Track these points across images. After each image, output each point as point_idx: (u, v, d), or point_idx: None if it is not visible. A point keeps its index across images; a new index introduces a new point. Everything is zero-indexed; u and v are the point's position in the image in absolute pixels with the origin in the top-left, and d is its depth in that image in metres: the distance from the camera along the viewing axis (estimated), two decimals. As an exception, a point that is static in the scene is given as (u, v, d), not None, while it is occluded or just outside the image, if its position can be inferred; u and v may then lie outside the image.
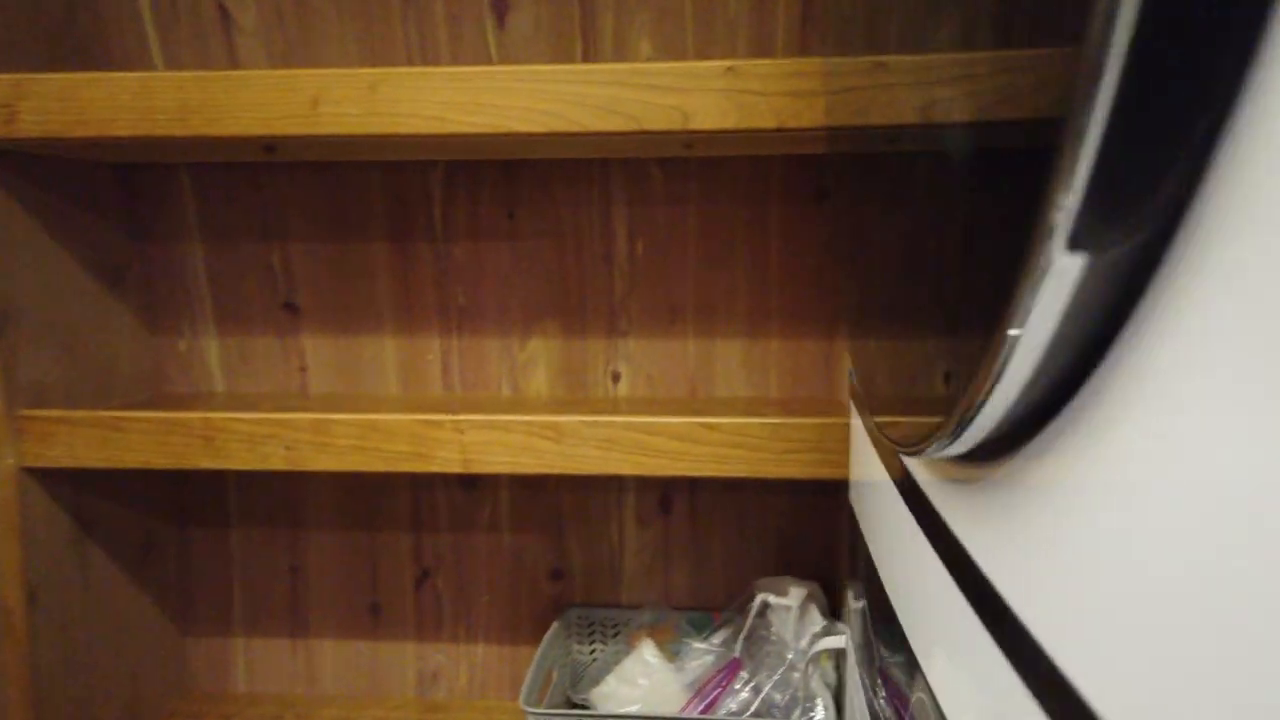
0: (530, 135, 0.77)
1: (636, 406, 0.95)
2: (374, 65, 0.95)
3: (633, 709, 0.98)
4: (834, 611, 1.01)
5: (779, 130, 0.75)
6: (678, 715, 0.93)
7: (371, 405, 0.94)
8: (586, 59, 0.96)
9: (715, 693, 0.96)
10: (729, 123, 0.75)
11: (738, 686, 0.96)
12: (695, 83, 0.75)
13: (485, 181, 1.01)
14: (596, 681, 1.03)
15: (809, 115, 0.74)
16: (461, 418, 0.85)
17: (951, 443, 0.26)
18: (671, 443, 0.83)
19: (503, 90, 0.76)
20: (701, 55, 0.94)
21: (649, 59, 0.95)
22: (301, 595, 1.14)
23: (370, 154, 0.96)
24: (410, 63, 0.98)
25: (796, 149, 0.91)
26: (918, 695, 0.39)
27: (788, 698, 0.94)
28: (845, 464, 0.82)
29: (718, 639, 1.04)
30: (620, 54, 0.95)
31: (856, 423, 0.65)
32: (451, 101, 0.77)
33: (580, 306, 1.03)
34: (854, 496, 0.66)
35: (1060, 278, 0.19)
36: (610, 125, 0.76)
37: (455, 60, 0.97)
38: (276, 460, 0.87)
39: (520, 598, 1.12)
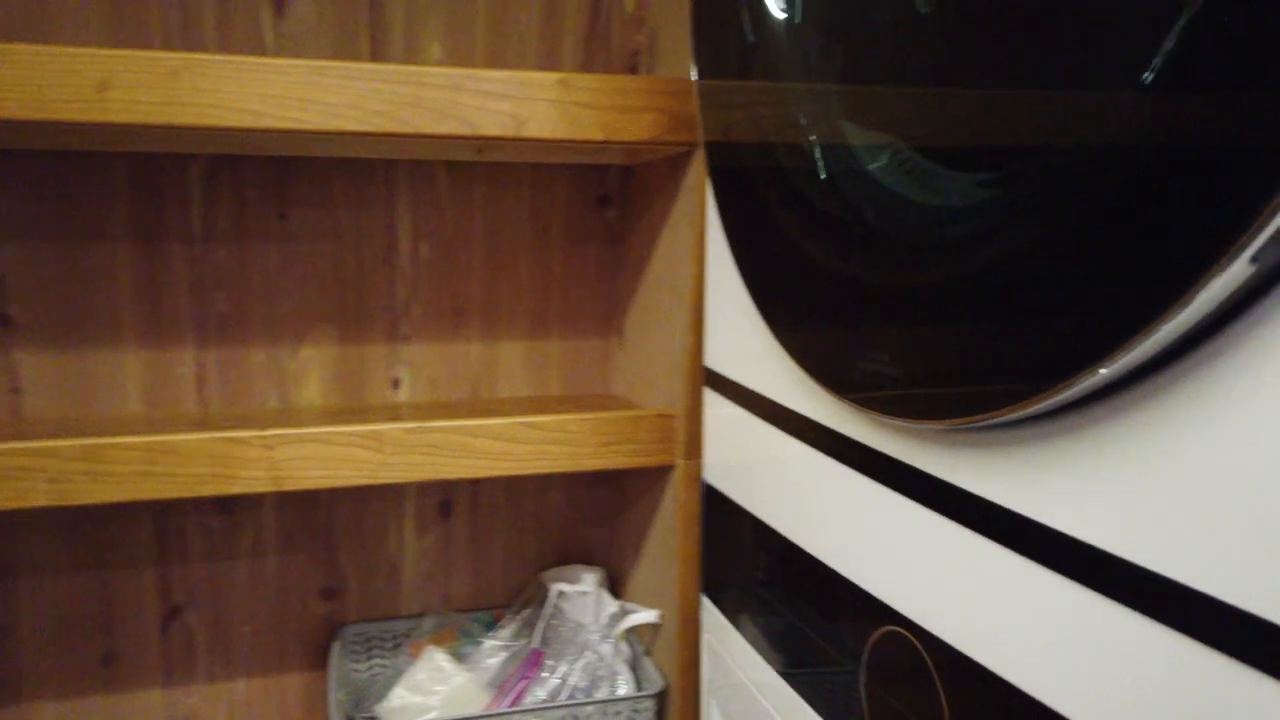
0: (362, 135, 0.74)
1: (419, 412, 0.94)
2: (121, 47, 0.85)
3: (431, 717, 0.97)
4: (615, 594, 1.08)
5: (606, 142, 0.80)
6: (499, 712, 0.94)
7: (108, 428, 0.84)
8: (375, 57, 0.93)
9: (521, 684, 0.99)
10: (559, 132, 0.78)
11: (545, 675, 0.99)
12: (529, 92, 0.77)
13: (253, 179, 0.94)
14: (381, 699, 1.01)
15: (634, 130, 0.80)
16: (271, 433, 0.79)
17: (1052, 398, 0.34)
18: (496, 443, 0.85)
19: (334, 88, 0.73)
20: (491, 63, 0.96)
21: (438, 62, 0.95)
22: (11, 657, 0.97)
23: (110, 143, 0.86)
24: (168, 47, 0.89)
25: (579, 159, 0.96)
26: (884, 629, 0.47)
27: (590, 679, 0.99)
28: (663, 452, 0.89)
29: (506, 634, 1.06)
30: (410, 55, 0.94)
31: (719, 411, 0.72)
32: (274, 95, 0.72)
33: (359, 311, 1.00)
34: (712, 478, 0.73)
35: (1233, 279, 0.27)
36: (446, 129, 0.76)
37: (223, 48, 0.90)
38: (37, 496, 0.75)
39: (287, 623, 1.05)
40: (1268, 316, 0.27)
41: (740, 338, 0.64)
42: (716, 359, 0.71)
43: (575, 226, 1.04)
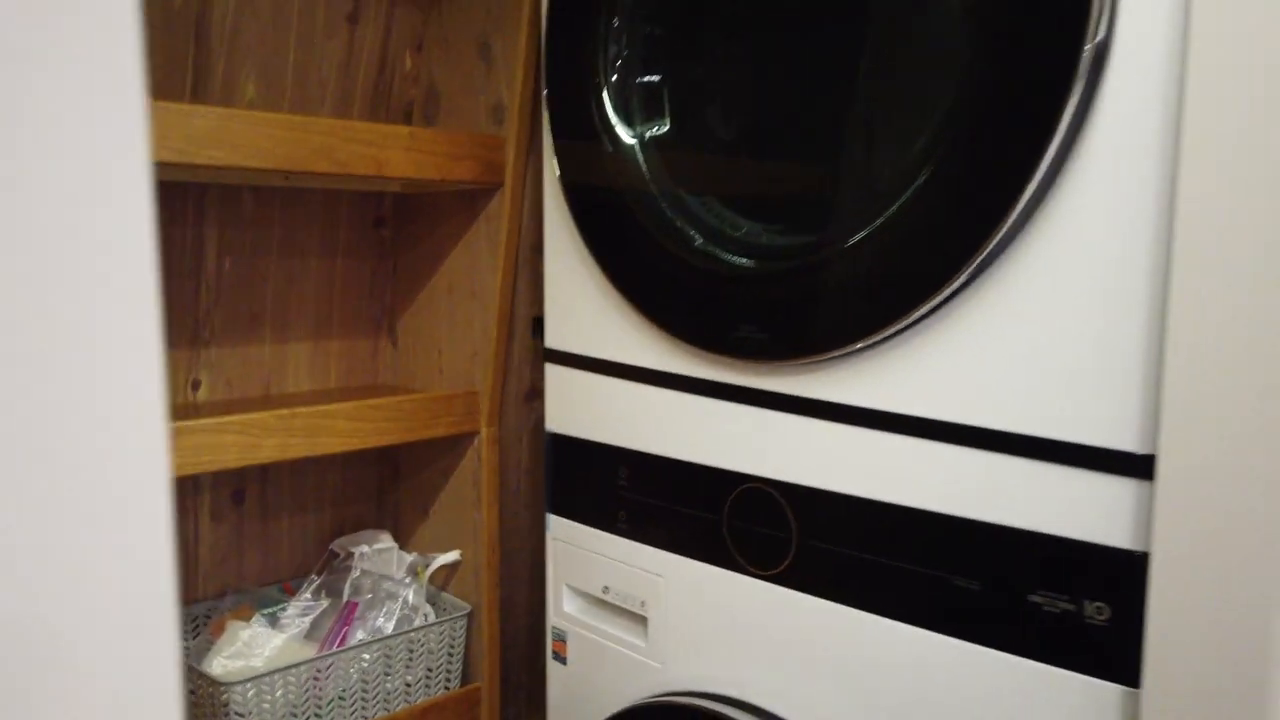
0: (255, 170, 0.90)
1: (218, 409, 1.08)
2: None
3: (262, 670, 1.11)
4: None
5: (442, 180, 1.03)
6: (331, 653, 1.11)
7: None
8: (195, 93, 1.04)
9: (343, 630, 1.16)
10: (409, 173, 1.00)
11: (358, 620, 1.17)
12: (387, 141, 0.98)
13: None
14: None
15: (459, 172, 1.04)
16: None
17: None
18: (347, 423, 1.04)
19: (239, 131, 0.87)
20: (298, 105, 1.12)
21: (251, 101, 1.08)
22: None
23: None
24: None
25: (364, 187, 1.16)
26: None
27: (396, 618, 1.20)
28: (470, 421, 1.14)
29: (306, 598, 1.22)
30: (227, 94, 1.06)
31: (567, 377, 1.00)
32: (196, 136, 0.85)
33: (166, 320, 1.09)
34: (558, 427, 1.01)
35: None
36: (323, 167, 0.94)
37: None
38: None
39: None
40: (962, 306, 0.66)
41: (598, 323, 0.94)
42: (563, 341, 0.99)
43: (355, 243, 1.23)
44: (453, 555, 1.21)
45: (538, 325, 1.19)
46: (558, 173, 0.93)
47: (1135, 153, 0.58)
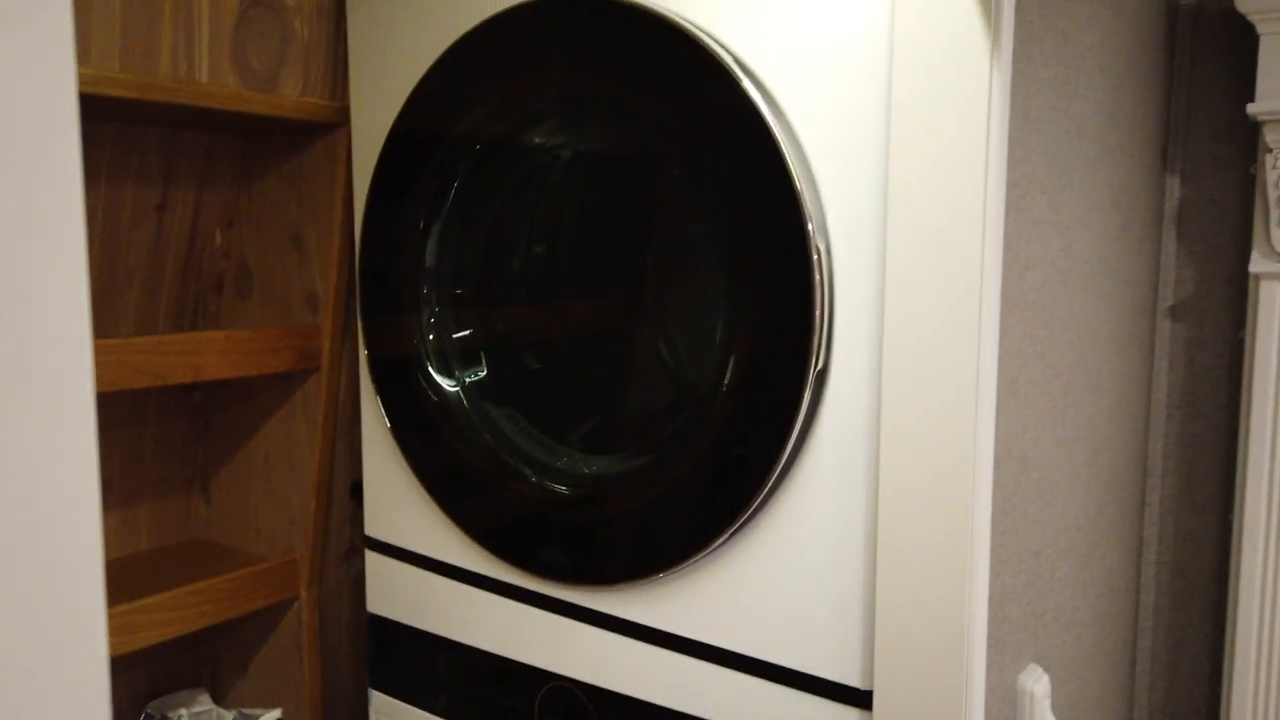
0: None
1: None
2: None
3: None
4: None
5: (260, 374, 1.09)
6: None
7: None
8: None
9: (164, 802, 1.18)
10: (226, 373, 1.05)
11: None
12: (202, 347, 1.02)
13: None
14: None
15: (275, 364, 1.10)
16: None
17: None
18: (164, 614, 1.07)
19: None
20: (103, 296, 1.13)
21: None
22: None
23: None
24: None
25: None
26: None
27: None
28: (289, 588, 1.19)
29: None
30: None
31: (387, 565, 1.07)
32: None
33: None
34: (379, 609, 1.08)
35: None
36: (140, 383, 0.97)
37: None
38: None
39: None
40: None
41: (413, 516, 1.02)
42: (381, 531, 1.07)
43: (166, 409, 1.25)
44: (274, 714, 1.25)
45: (356, 489, 1.25)
46: (373, 385, 1.01)
47: (851, 441, 0.74)
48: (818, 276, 0.72)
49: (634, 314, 0.87)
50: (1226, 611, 1.13)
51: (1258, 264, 1.07)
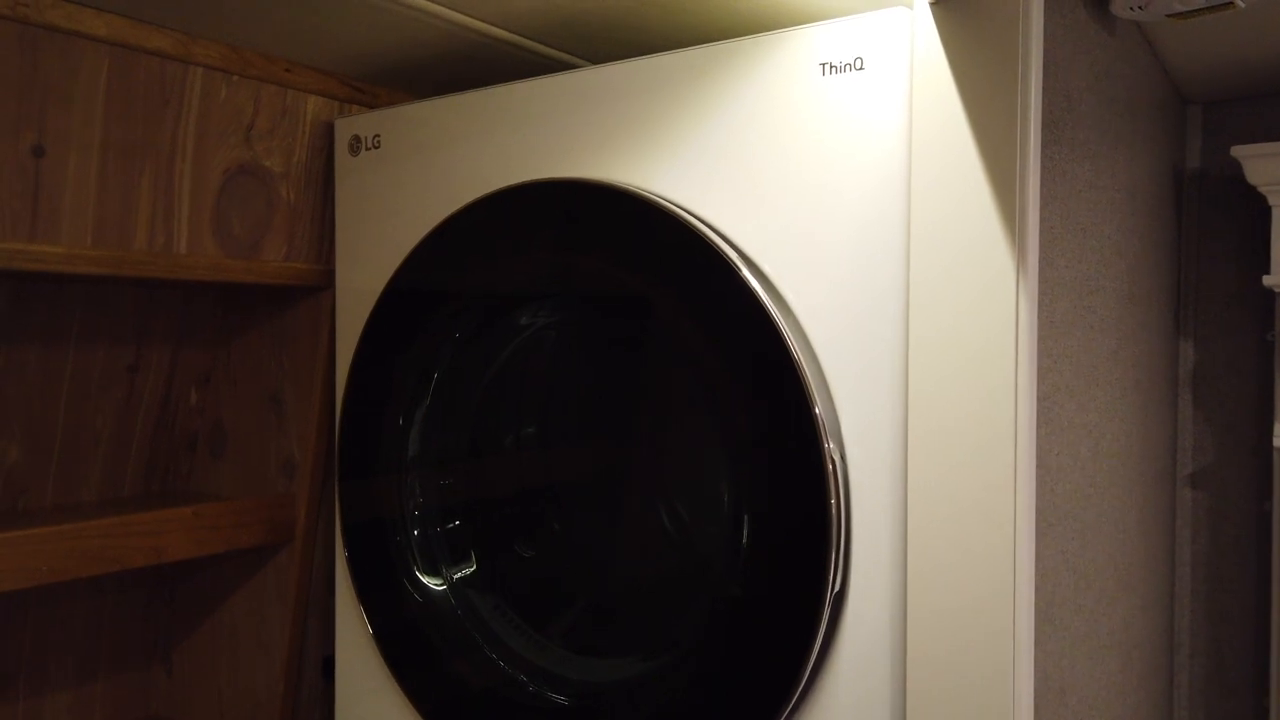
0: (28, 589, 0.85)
1: None
2: None
3: None
4: None
5: (229, 550, 1.01)
6: None
7: None
8: (-51, 465, 0.97)
9: None
10: (193, 553, 0.98)
11: None
12: (167, 526, 0.96)
13: None
14: None
15: (246, 539, 1.03)
16: None
17: None
18: None
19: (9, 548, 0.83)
20: (66, 466, 1.06)
21: (13, 467, 1.02)
22: None
23: None
24: None
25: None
26: None
27: None
28: (260, 780, 1.09)
29: None
30: (-13, 459, 1.00)
31: None
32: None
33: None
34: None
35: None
36: (95, 570, 0.90)
37: None
38: None
39: None
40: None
41: (388, 713, 0.94)
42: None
43: (127, 576, 1.17)
44: None
45: (328, 665, 1.17)
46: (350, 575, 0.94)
47: (874, 670, 0.67)
48: (833, 488, 0.67)
49: (635, 508, 0.81)
50: (1269, 811, 1.05)
51: (1282, 438, 1.02)
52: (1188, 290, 1.14)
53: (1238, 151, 1.02)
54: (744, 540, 0.70)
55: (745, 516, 0.70)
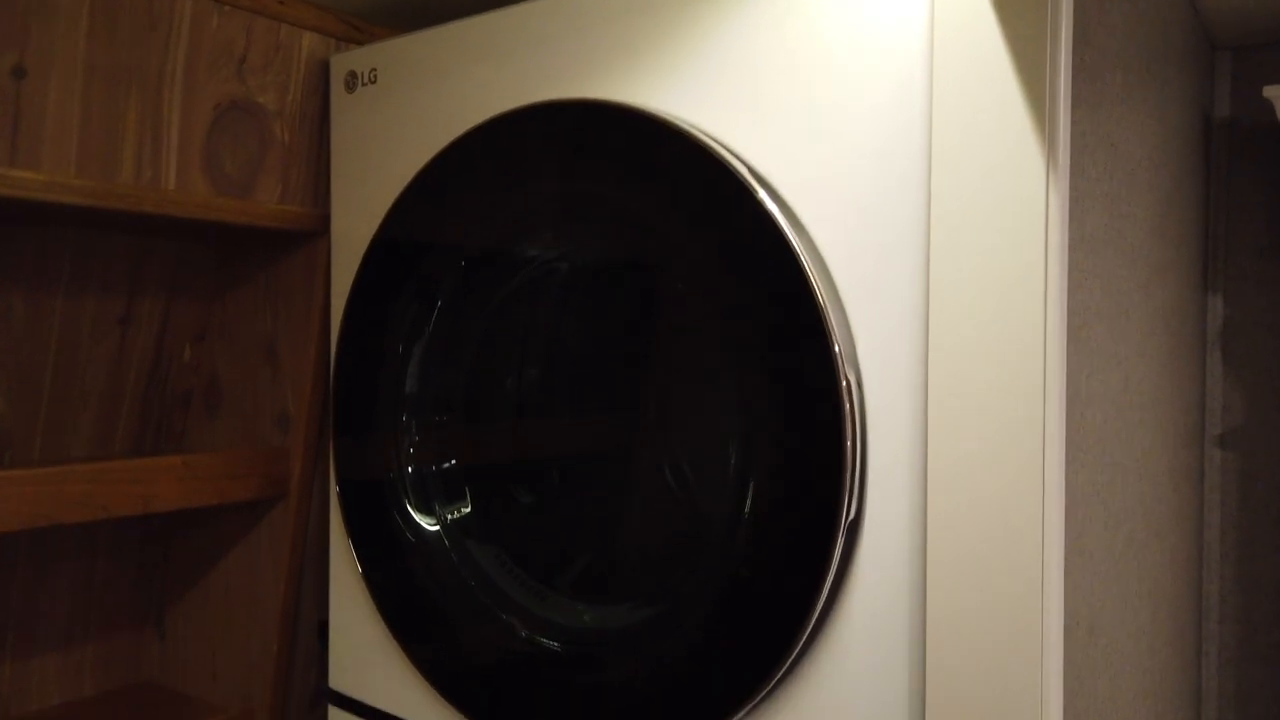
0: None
1: None
2: None
3: None
4: None
5: (221, 503, 0.98)
6: None
7: None
8: (-67, 412, 0.94)
9: None
10: (183, 503, 0.94)
11: None
12: (156, 476, 0.92)
13: None
14: None
15: (239, 492, 0.99)
16: None
17: None
18: None
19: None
20: (54, 419, 1.03)
21: (0, 415, 0.99)
22: None
23: None
24: None
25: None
26: None
27: None
28: (252, 745, 1.05)
29: None
30: (-28, 407, 0.97)
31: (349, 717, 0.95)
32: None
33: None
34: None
35: None
36: (79, 517, 0.87)
37: None
38: None
39: None
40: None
41: (382, 671, 0.90)
42: (347, 685, 0.94)
43: (118, 536, 1.13)
44: None
45: (323, 629, 1.13)
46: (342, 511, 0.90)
47: (891, 603, 0.63)
48: (848, 409, 0.63)
49: (639, 443, 0.78)
50: (1303, 782, 1.00)
51: (1317, 391, 0.98)
52: (1217, 242, 1.10)
53: (1269, 91, 0.98)
54: (753, 472, 0.66)
55: (755, 446, 0.66)
